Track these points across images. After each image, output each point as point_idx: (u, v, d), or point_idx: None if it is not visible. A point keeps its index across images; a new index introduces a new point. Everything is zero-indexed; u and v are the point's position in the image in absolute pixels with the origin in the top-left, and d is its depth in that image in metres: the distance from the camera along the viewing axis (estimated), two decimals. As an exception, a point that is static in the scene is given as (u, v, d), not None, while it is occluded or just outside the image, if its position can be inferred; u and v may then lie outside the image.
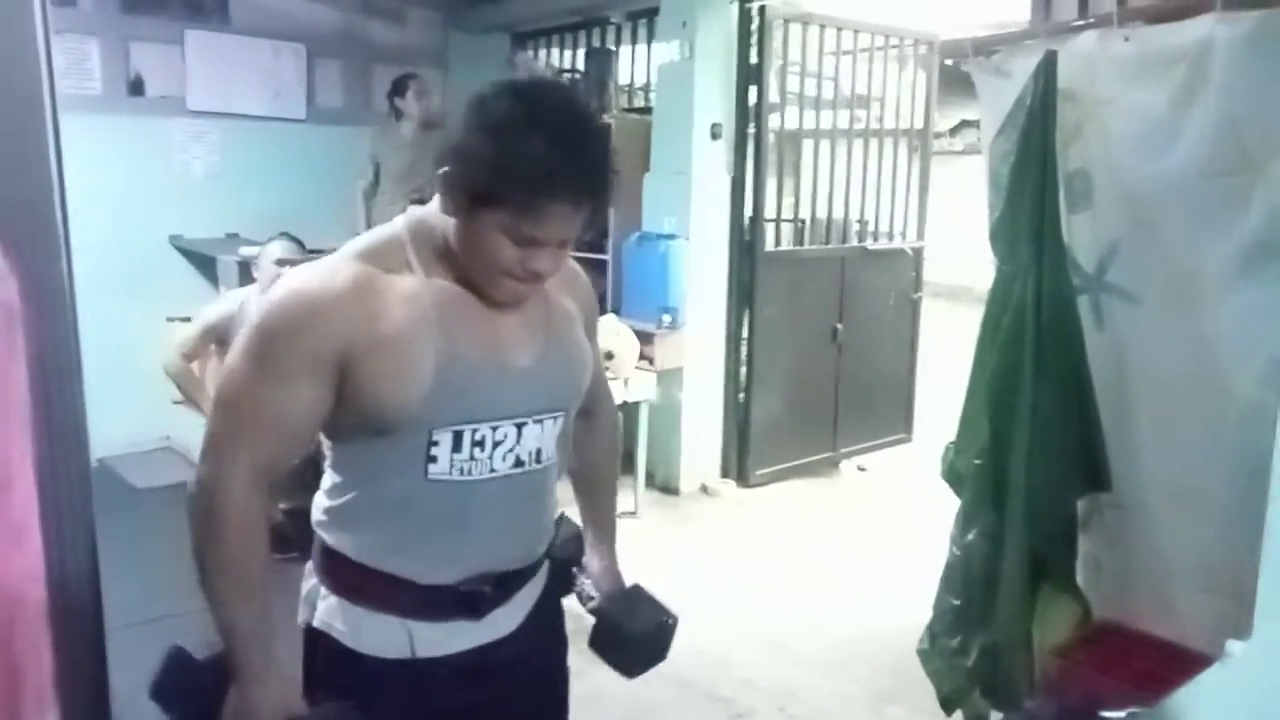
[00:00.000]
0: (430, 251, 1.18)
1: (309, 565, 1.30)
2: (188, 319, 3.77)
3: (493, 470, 1.20)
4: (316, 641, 1.26)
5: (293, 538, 1.42)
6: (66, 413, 0.60)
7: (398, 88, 4.70)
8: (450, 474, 1.18)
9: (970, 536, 2.17)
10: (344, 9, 5.21)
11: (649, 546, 3.72)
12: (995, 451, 2.13)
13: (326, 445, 1.25)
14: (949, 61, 4.93)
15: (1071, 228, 2.10)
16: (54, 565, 0.58)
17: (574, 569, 1.47)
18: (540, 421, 1.24)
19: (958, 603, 2.19)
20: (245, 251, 3.92)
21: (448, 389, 1.14)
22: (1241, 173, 1.78)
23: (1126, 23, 2.05)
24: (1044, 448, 2.09)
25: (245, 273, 3.74)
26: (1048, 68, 2.05)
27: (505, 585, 1.27)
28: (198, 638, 1.19)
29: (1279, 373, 1.54)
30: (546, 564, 1.37)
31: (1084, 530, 2.18)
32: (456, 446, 1.17)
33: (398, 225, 1.22)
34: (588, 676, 1.46)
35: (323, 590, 1.26)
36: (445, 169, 1.12)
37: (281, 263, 3.41)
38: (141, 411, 4.46)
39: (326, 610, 1.25)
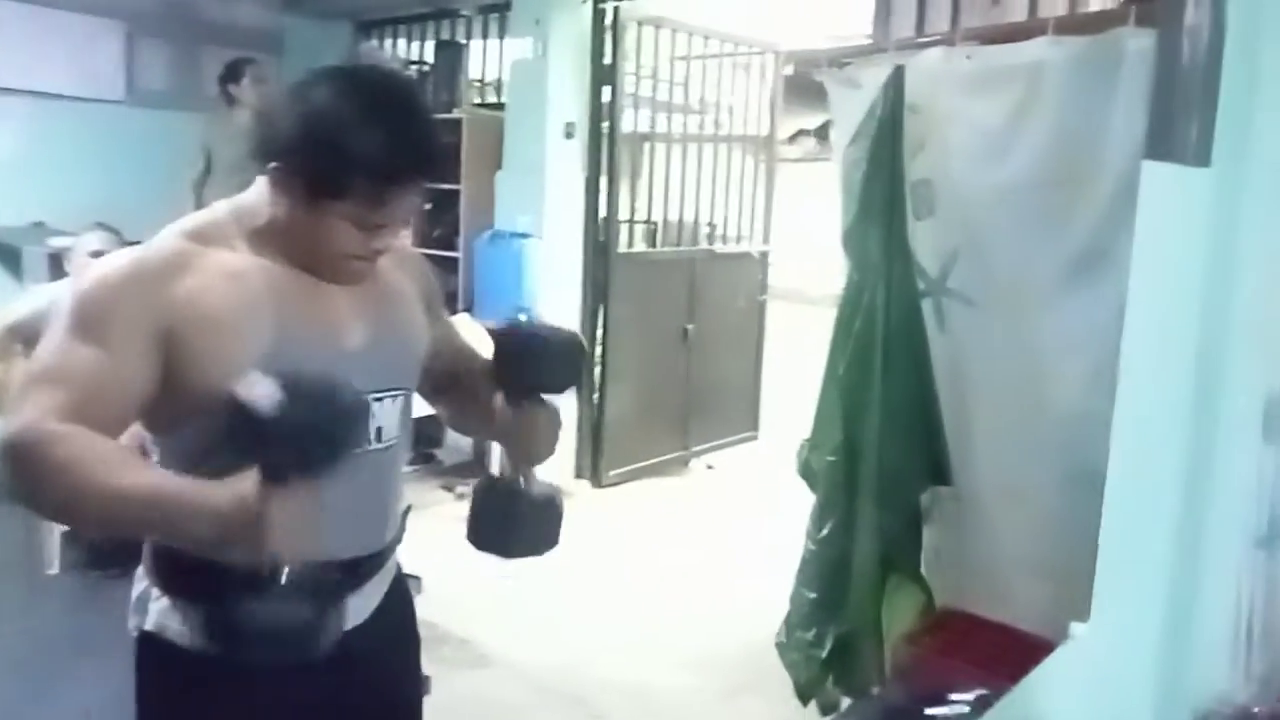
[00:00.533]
0: (255, 233, 1.15)
1: (138, 570, 1.21)
2: (-13, 315, 3.41)
3: None
4: (150, 647, 1.18)
5: (112, 552, 1.32)
6: None
7: (232, 72, 4.42)
8: None
9: (825, 531, 2.25)
10: (168, -16, 4.87)
11: (504, 550, 3.67)
12: (848, 448, 2.22)
13: (150, 442, 1.18)
14: (789, 72, 5.15)
15: (917, 234, 2.21)
16: None
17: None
18: (379, 399, 1.21)
19: (813, 595, 2.26)
20: (56, 243, 3.58)
21: (278, 366, 1.07)
22: (1066, 185, 1.93)
23: (964, 41, 2.18)
24: (892, 444, 2.20)
25: (56, 265, 3.42)
26: (896, 81, 2.16)
27: (353, 573, 1.21)
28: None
29: (1100, 381, 1.66)
30: (396, 557, 1.33)
31: (927, 521, 2.30)
32: None
33: (218, 209, 1.19)
34: (444, 682, 1.41)
35: (154, 592, 1.18)
36: (277, 164, 1.10)
37: (97, 255, 3.14)
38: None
39: (159, 613, 1.18)
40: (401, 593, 1.36)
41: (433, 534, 1.85)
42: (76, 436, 0.99)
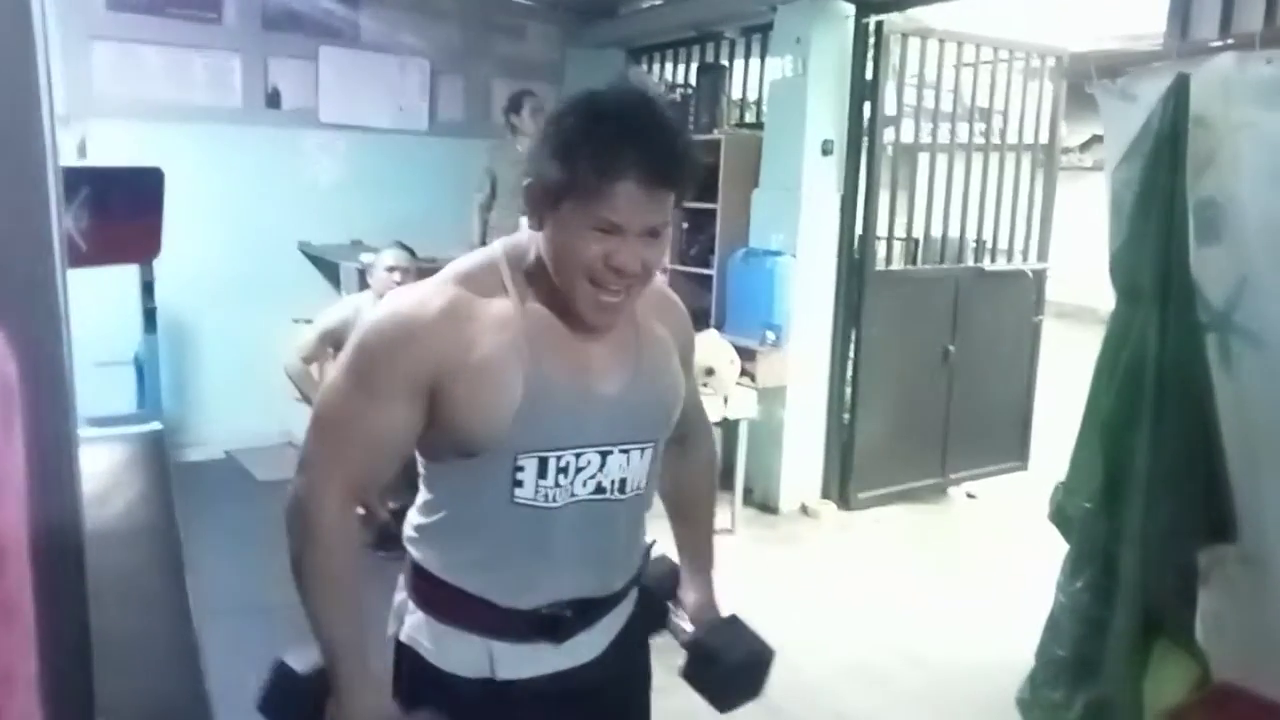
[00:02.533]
0: (524, 274, 1.20)
1: (400, 578, 1.33)
2: (311, 320, 3.96)
3: (573, 496, 1.21)
4: (403, 655, 1.29)
5: (399, 536, 1.46)
6: (62, 495, 0.61)
7: (514, 104, 4.80)
8: (534, 499, 1.19)
9: (1079, 584, 2.06)
10: (466, 25, 5.37)
11: (744, 565, 3.69)
12: (1109, 495, 2.02)
13: (420, 463, 1.28)
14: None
15: (1200, 261, 1.97)
16: (45, 643, 0.61)
17: (668, 603, 1.45)
18: (626, 451, 1.23)
19: (1063, 653, 2.08)
20: (364, 258, 4.09)
21: (534, 415, 1.15)
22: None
23: (1272, 44, 1.91)
24: (1163, 493, 1.97)
25: (364, 278, 3.90)
26: (1179, 92, 1.94)
27: (586, 611, 1.27)
28: (303, 632, 1.24)
29: None
30: (634, 593, 1.36)
31: (1205, 584, 2.03)
32: (541, 472, 1.18)
33: (495, 249, 1.24)
34: (677, 695, 1.44)
35: (410, 605, 1.29)
36: (528, 181, 1.15)
37: (392, 270, 3.55)
38: (267, 407, 4.69)
39: (413, 625, 1.28)
40: (638, 628, 1.39)
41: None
42: (336, 548, 1.18)
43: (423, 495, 1.28)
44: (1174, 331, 1.96)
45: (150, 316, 2.87)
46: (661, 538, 1.43)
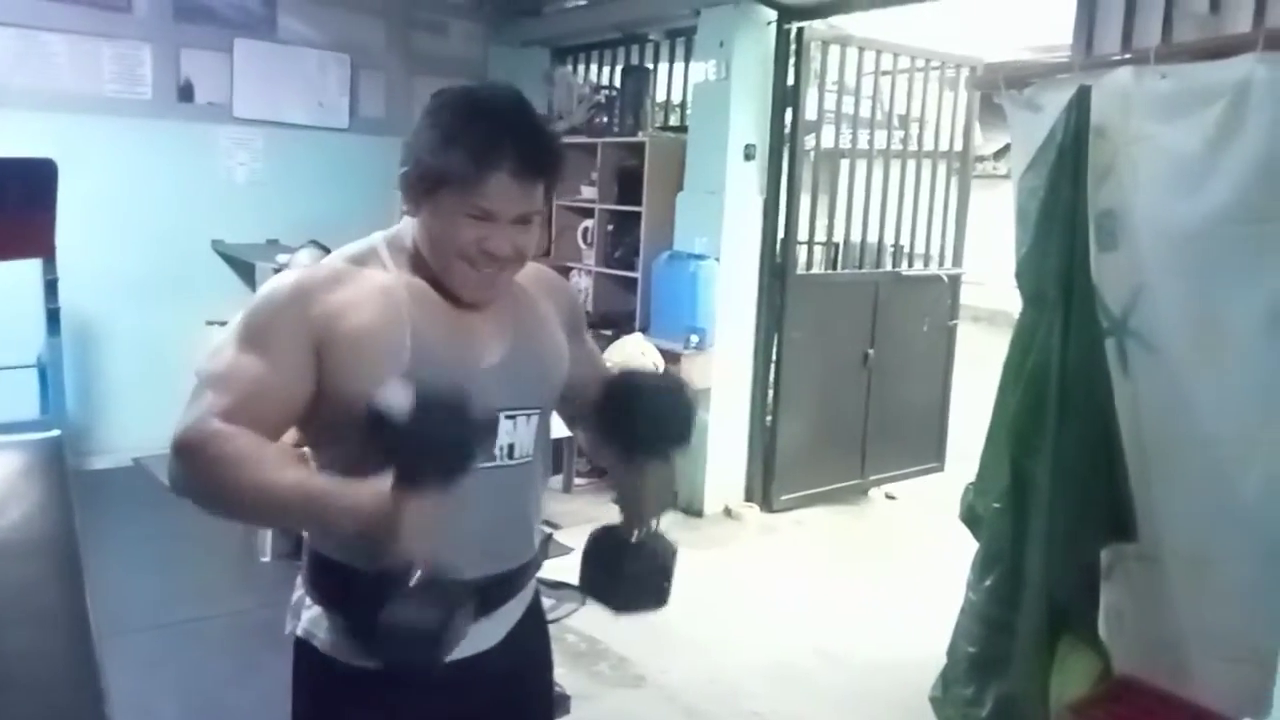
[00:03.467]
0: (403, 256, 1.24)
1: (299, 577, 1.31)
2: (225, 323, 3.83)
3: None
4: (301, 651, 1.27)
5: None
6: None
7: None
8: None
9: (987, 583, 2.12)
10: (388, 21, 5.28)
11: (667, 569, 3.69)
12: (1015, 496, 2.08)
13: (310, 456, 1.26)
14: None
15: (1100, 268, 2.04)
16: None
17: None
18: (512, 417, 1.25)
19: (973, 650, 2.13)
20: (280, 259, 3.98)
21: (417, 379, 1.13)
22: (1272, 222, 1.71)
23: (1167, 59, 1.99)
24: (1067, 493, 2.03)
25: (279, 279, 3.80)
26: (1080, 103, 2.01)
27: (487, 596, 1.25)
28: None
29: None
30: (534, 583, 1.36)
31: (1107, 580, 2.10)
32: None
33: (375, 237, 1.28)
34: (597, 700, 1.42)
35: (307, 600, 1.28)
36: (404, 169, 1.20)
37: None
38: (177, 412, 4.53)
39: (310, 620, 1.26)
40: (537, 620, 1.40)
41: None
42: (237, 435, 1.09)
43: None
44: (1076, 336, 2.03)
45: (53, 317, 2.74)
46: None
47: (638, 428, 1.29)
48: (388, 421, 1.01)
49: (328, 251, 3.66)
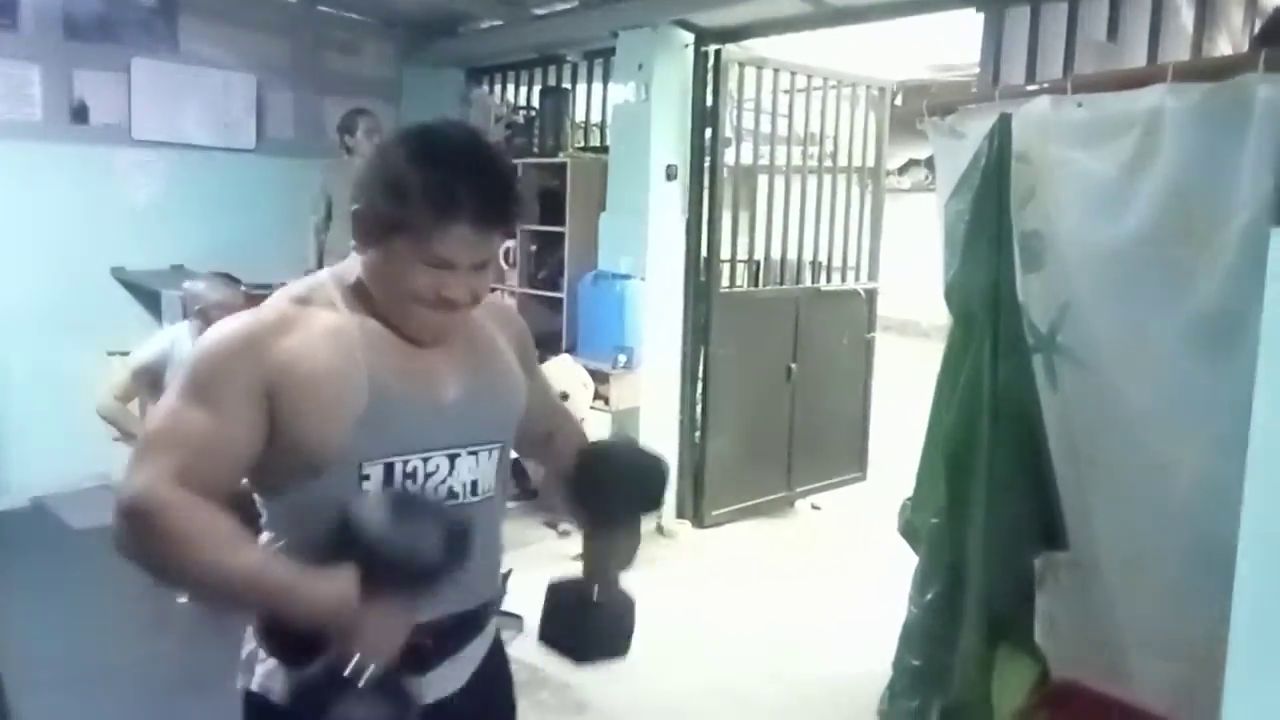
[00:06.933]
0: (353, 294, 1.20)
1: (248, 630, 1.26)
2: (128, 353, 3.66)
3: None
4: (252, 706, 1.23)
5: None
6: None
7: (347, 124, 4.62)
8: None
9: (928, 596, 2.17)
10: (296, 40, 5.14)
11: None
12: (952, 510, 2.14)
13: (261, 504, 1.22)
14: (898, 103, 5.05)
15: (1027, 287, 2.12)
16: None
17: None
18: (475, 453, 1.24)
19: (917, 663, 2.18)
20: (186, 285, 3.84)
21: (376, 420, 1.14)
22: (1187, 244, 1.81)
23: (1083, 89, 2.08)
24: (1002, 507, 2.10)
25: (185, 307, 3.65)
26: (1002, 130, 2.09)
27: (446, 639, 1.23)
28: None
29: (1227, 447, 1.54)
30: (494, 625, 1.34)
31: (1041, 588, 2.18)
32: (388, 479, 1.16)
33: (321, 275, 1.25)
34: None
35: (260, 654, 1.23)
36: (355, 207, 1.16)
37: (217, 305, 3.29)
38: (79, 448, 4.29)
39: (264, 674, 1.21)
40: (499, 662, 1.37)
41: (534, 572, 1.86)
42: (188, 508, 1.04)
43: (266, 535, 1.22)
44: (1005, 354, 2.10)
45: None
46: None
47: (612, 497, 1.32)
48: (362, 533, 1.01)
49: (234, 280, 3.54)
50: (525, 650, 1.44)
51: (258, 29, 4.99)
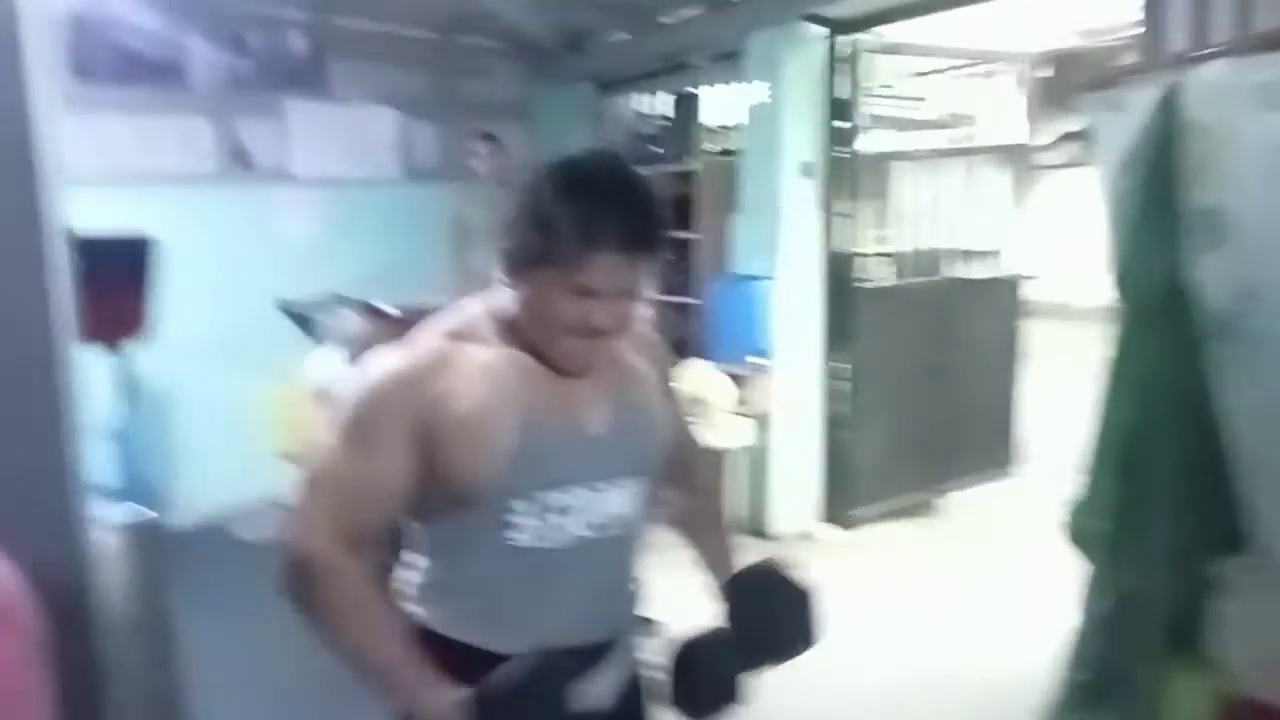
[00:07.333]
0: (504, 326, 1.23)
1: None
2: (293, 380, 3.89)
3: (572, 536, 1.22)
4: None
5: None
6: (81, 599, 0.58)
7: (473, 147, 4.77)
8: (532, 541, 1.20)
9: (1100, 607, 2.01)
10: (433, 70, 5.34)
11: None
12: (1127, 515, 1.98)
13: (413, 527, 1.27)
14: (1049, 74, 4.76)
15: (1203, 269, 1.94)
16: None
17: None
18: (621, 487, 1.25)
19: (1087, 678, 2.03)
20: (331, 322, 4.08)
21: (525, 456, 1.17)
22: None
23: (1252, 51, 1.89)
24: (1180, 509, 1.92)
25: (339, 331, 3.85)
26: (1172, 100, 1.92)
27: (585, 661, 1.23)
28: (316, 700, 1.21)
29: None
30: (632, 650, 1.34)
31: (1223, 597, 1.98)
32: (535, 514, 1.19)
33: (474, 306, 1.28)
34: None
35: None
36: (504, 245, 1.20)
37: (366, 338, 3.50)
38: (250, 471, 4.60)
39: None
40: (636, 689, 1.36)
41: (668, 576, 1.84)
42: (343, 580, 1.13)
43: (416, 557, 1.27)
44: (1182, 343, 1.93)
45: (134, 386, 2.77)
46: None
47: (765, 637, 1.34)
48: (492, 700, 1.10)
49: (378, 311, 3.72)
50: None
51: (398, 63, 5.21)
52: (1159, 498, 1.94)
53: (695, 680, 1.31)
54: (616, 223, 1.12)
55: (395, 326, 3.65)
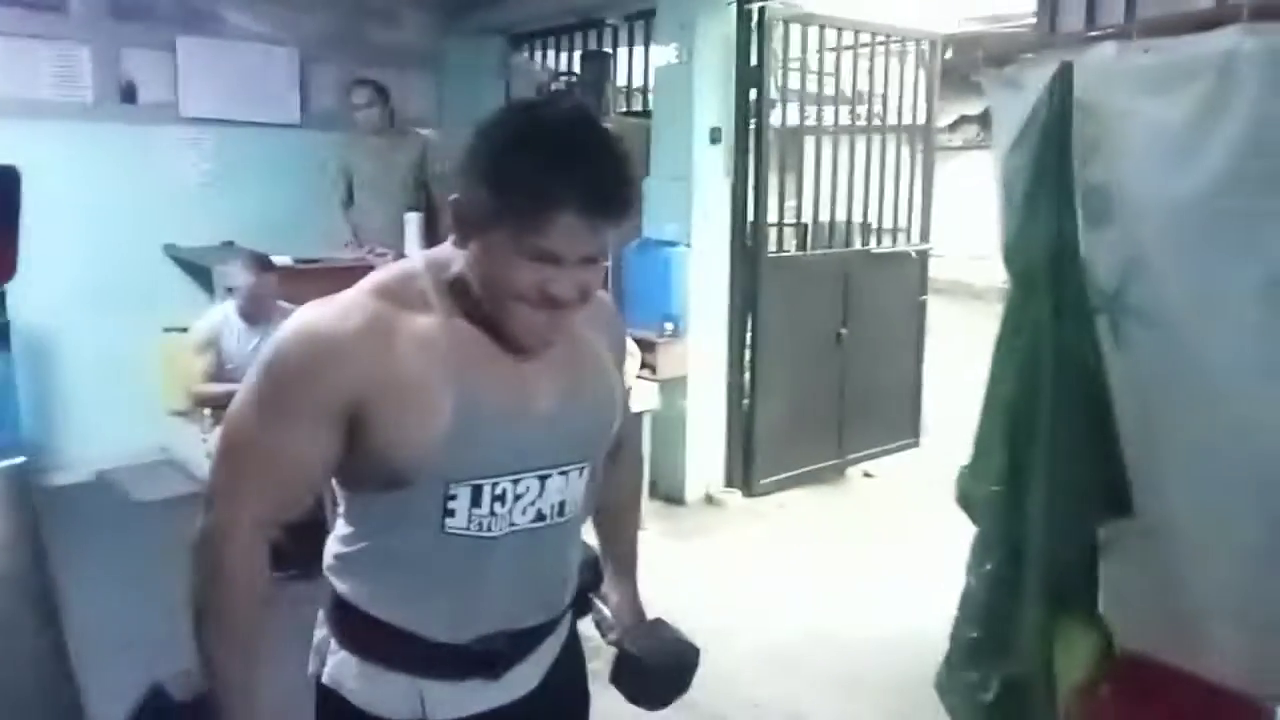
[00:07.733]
0: (448, 289, 1.11)
1: (320, 613, 1.24)
2: (184, 329, 3.73)
3: (512, 525, 1.14)
4: (326, 698, 1.21)
5: (291, 554, 1.36)
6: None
7: (351, 92, 4.60)
8: (468, 529, 1.11)
9: (988, 566, 2.10)
10: (337, 12, 5.13)
11: (653, 560, 3.63)
12: (1013, 478, 2.07)
13: (339, 492, 1.19)
14: (948, 56, 4.88)
15: (1090, 245, 2.02)
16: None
17: (590, 595, 1.42)
18: (565, 473, 1.17)
19: (976, 635, 2.12)
20: (218, 269, 3.95)
21: (466, 440, 1.07)
22: (1266, 196, 1.71)
23: (1142, 35, 1.97)
24: (1065, 473, 2.01)
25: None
26: (1063, 80, 1.98)
27: (522, 643, 1.21)
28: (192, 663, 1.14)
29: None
30: (569, 617, 1.32)
31: (1106, 558, 2.10)
32: (475, 501, 1.11)
33: (416, 261, 1.16)
34: (593, 699, 1.41)
35: (333, 644, 1.20)
36: (454, 197, 1.08)
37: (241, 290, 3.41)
38: (139, 423, 4.41)
39: (336, 666, 1.20)
40: (575, 652, 1.34)
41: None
42: (241, 589, 1.08)
43: (343, 526, 1.19)
44: (1068, 314, 2.01)
45: (3, 333, 2.61)
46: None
47: (644, 694, 1.40)
48: None
49: (269, 266, 3.62)
50: (582, 624, 1.45)
51: (299, 2, 4.98)
52: (1042, 462, 2.02)
53: (646, 673, 1.38)
54: (579, 180, 0.99)
55: (287, 279, 3.55)
